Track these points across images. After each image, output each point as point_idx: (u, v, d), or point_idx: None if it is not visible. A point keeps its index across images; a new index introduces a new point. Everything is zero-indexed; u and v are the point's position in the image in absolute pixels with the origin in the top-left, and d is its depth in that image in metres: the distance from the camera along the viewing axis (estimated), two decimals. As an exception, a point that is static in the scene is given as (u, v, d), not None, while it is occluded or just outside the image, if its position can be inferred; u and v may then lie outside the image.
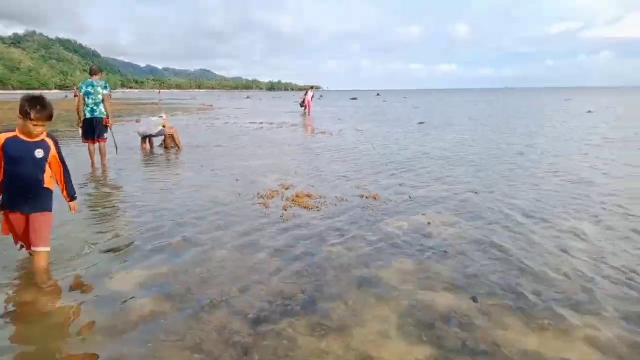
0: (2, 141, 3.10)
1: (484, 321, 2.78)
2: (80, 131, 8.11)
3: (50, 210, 3.41)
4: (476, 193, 6.05)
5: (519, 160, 8.79)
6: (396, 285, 3.26)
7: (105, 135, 8.10)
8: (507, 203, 5.55)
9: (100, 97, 7.81)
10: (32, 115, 3.05)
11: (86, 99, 7.82)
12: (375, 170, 7.73)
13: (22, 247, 3.53)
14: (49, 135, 3.32)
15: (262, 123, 18.17)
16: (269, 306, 2.91)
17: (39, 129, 3.17)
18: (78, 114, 7.96)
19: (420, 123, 18.21)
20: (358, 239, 4.24)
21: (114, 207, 5.49)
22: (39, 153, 3.21)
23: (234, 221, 4.77)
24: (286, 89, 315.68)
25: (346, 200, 5.64)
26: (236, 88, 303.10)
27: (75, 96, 25.69)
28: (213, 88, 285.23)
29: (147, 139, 10.54)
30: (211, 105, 37.30)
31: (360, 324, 2.72)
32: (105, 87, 7.95)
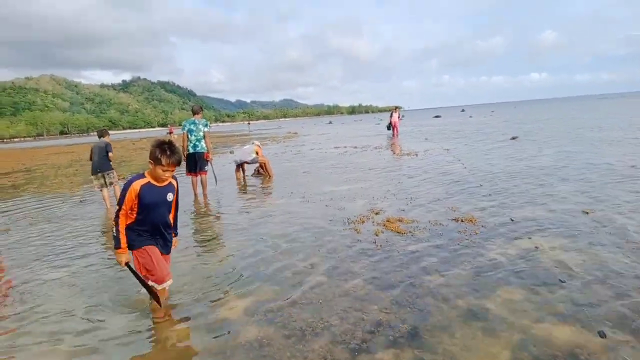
0: (138, 189, 3.16)
1: (616, 361, 2.45)
2: (185, 165, 8.90)
3: None
4: (587, 213, 5.48)
5: (634, 173, 7.81)
6: (506, 317, 3.03)
7: (206, 168, 8.82)
8: (624, 223, 4.93)
9: (201, 133, 8.57)
10: (163, 161, 3.14)
11: (189, 136, 8.60)
12: (468, 191, 7.37)
13: (146, 286, 3.38)
14: (173, 177, 3.44)
15: (345, 147, 18.39)
16: (370, 336, 2.86)
17: (168, 174, 3.25)
18: (182, 150, 8.74)
19: (514, 138, 17.12)
20: (458, 265, 4.03)
21: (217, 234, 5.86)
22: (170, 196, 3.37)
23: (327, 247, 4.82)
24: (367, 112, 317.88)
25: (440, 224, 5.43)
26: (318, 114, 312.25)
27: (170, 133, 28.17)
28: (297, 116, 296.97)
29: (241, 167, 11.14)
30: (296, 133, 38.73)
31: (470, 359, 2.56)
32: (206, 125, 8.77)
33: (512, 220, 5.38)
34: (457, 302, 3.29)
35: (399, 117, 23.91)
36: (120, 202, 3.18)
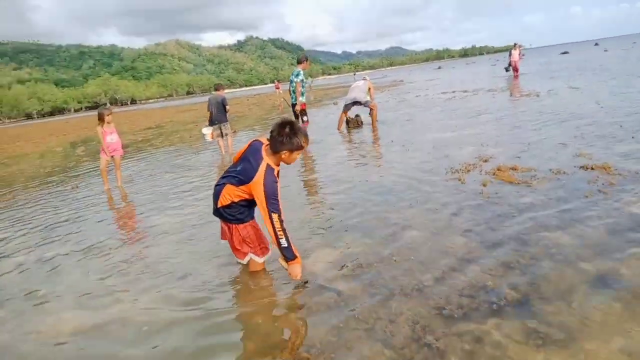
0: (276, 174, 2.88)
1: None
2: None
3: None
4: None
5: None
6: (647, 287, 2.40)
7: (305, 119, 8.67)
8: None
9: (294, 84, 8.45)
10: (305, 145, 2.84)
11: (290, 88, 8.61)
12: (603, 134, 6.17)
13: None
14: None
15: (454, 92, 16.94)
16: (468, 302, 2.49)
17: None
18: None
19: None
20: (585, 221, 3.34)
21: (313, 184, 5.78)
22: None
23: (425, 199, 4.40)
24: (481, 54, 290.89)
25: (564, 172, 4.60)
26: (427, 60, 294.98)
27: (277, 89, 28.93)
28: (403, 64, 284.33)
29: (350, 108, 10.62)
30: (402, 81, 36.98)
31: (593, 337, 2.06)
32: (297, 75, 8.56)
33: (663, 168, 4.33)
34: (581, 266, 2.71)
35: (519, 55, 20.93)
36: (277, 209, 2.75)
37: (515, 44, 20.94)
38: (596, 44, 68.76)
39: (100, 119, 7.15)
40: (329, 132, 10.44)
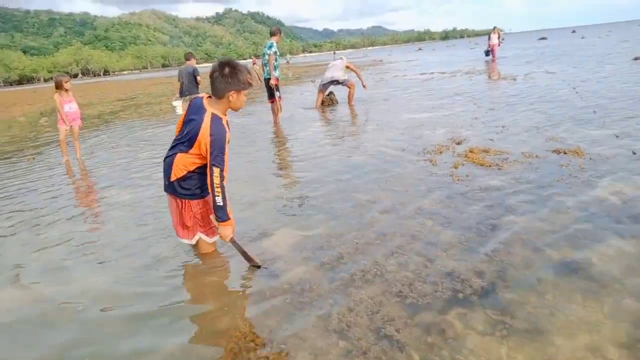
0: (229, 135, 2.60)
1: None
2: None
3: None
4: None
5: None
6: (615, 276, 2.31)
7: (277, 94, 8.27)
8: None
9: (267, 57, 7.98)
10: (252, 83, 2.61)
11: (263, 61, 8.14)
12: (577, 118, 6.13)
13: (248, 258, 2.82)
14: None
15: (432, 73, 16.81)
16: (432, 289, 2.34)
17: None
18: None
19: (637, 58, 14.22)
20: (556, 206, 3.24)
21: (283, 162, 5.55)
22: None
23: (395, 180, 4.24)
24: (461, 36, 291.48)
25: (536, 156, 4.51)
26: (408, 41, 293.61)
27: (253, 64, 28.29)
28: (385, 44, 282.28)
29: (327, 87, 10.37)
30: (381, 60, 36.62)
31: (559, 329, 1.95)
32: (270, 47, 7.94)
33: (634, 153, 4.28)
34: (550, 254, 2.60)
35: (499, 39, 20.82)
36: (221, 163, 2.48)
37: (494, 28, 20.84)
38: (573, 31, 69.67)
39: (58, 86, 6.68)
40: (304, 110, 10.16)
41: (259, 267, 2.77)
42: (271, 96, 8.31)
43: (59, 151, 7.47)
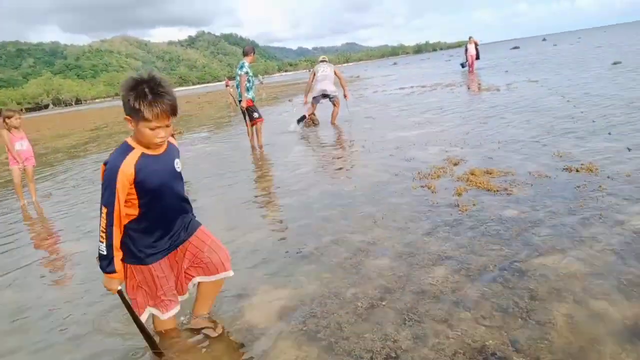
0: (132, 171, 1.90)
1: None
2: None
3: None
4: None
5: None
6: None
7: (255, 115, 7.69)
8: None
9: (238, 79, 7.53)
10: (146, 114, 1.82)
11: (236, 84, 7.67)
12: (576, 129, 5.74)
13: (139, 324, 2.12)
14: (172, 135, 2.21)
15: (412, 87, 16.54)
16: (465, 378, 1.77)
17: (163, 133, 1.94)
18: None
19: (616, 63, 14.25)
20: (588, 241, 2.73)
21: (262, 194, 4.95)
22: (178, 164, 2.13)
23: (392, 214, 3.69)
24: (434, 49, 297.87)
25: (546, 176, 4.04)
26: (382, 56, 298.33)
27: (227, 86, 27.81)
28: (359, 60, 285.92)
29: (319, 101, 9.68)
30: (358, 76, 36.58)
31: None
32: (241, 67, 7.56)
33: (654, 168, 3.85)
34: (600, 307, 2.07)
35: (476, 48, 20.37)
36: (108, 201, 1.91)
37: (470, 38, 20.73)
38: (544, 39, 71.57)
39: (4, 120, 5.96)
40: (282, 133, 9.62)
41: (159, 354, 2.15)
42: (251, 119, 7.77)
43: (12, 194, 6.73)
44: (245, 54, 7.68)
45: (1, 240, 4.70)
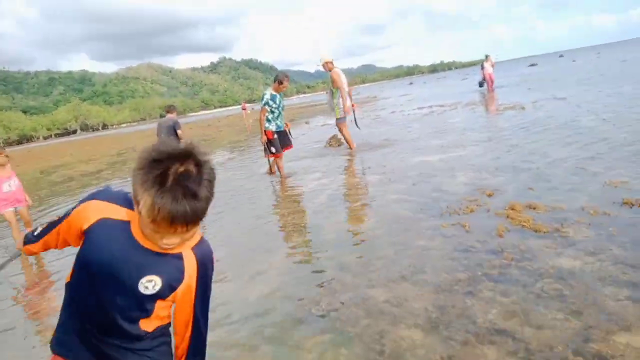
0: (92, 221, 1.23)
1: None
2: None
3: None
4: None
5: None
6: None
7: (272, 149, 7.20)
8: None
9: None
10: (157, 213, 1.03)
11: None
12: (625, 152, 5.06)
13: None
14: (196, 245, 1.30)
15: (431, 107, 15.97)
16: None
17: (173, 240, 1.12)
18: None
19: (651, 76, 13.42)
20: (684, 309, 2.09)
21: (268, 237, 4.41)
22: (155, 285, 1.22)
23: (421, 262, 3.09)
24: (449, 68, 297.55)
25: (605, 212, 3.39)
26: (397, 76, 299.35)
27: (243, 109, 27.73)
28: (375, 80, 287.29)
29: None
30: (375, 97, 36.19)
31: None
32: (262, 99, 7.13)
33: None
34: None
35: (492, 66, 19.82)
36: (52, 222, 1.39)
37: (487, 56, 20.13)
38: (561, 56, 70.42)
39: None
40: (301, 158, 9.12)
41: None
42: (270, 152, 7.26)
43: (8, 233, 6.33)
44: (279, 82, 7.11)
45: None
